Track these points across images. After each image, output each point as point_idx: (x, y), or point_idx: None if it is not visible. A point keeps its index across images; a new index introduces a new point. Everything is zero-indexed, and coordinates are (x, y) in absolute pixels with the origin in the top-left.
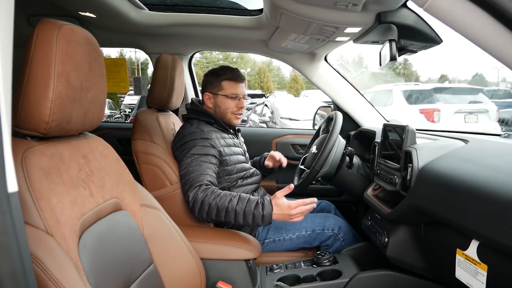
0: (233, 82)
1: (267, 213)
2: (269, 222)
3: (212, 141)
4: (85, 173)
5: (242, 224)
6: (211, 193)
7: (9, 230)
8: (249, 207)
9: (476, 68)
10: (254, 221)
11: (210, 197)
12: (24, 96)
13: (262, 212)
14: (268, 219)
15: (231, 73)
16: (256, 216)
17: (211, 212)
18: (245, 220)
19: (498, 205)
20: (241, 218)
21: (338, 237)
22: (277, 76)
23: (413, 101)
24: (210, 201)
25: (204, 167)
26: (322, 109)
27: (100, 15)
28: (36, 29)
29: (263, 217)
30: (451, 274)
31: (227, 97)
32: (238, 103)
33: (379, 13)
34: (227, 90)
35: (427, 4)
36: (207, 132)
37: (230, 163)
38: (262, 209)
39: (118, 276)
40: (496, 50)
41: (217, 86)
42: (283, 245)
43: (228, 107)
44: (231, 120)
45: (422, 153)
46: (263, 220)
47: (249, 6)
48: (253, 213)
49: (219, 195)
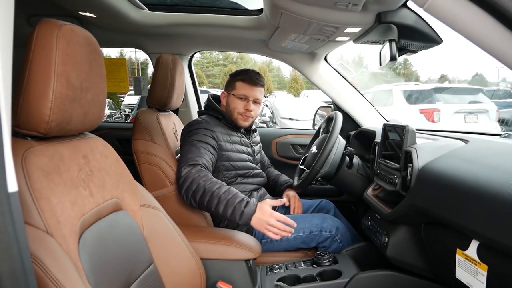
0: (246, 84)
1: (247, 211)
2: (246, 222)
3: (214, 133)
4: (85, 173)
5: (220, 214)
6: (205, 175)
7: (9, 230)
8: (233, 200)
9: (476, 68)
10: (232, 214)
11: (202, 178)
12: (24, 96)
13: (243, 209)
14: (246, 218)
15: (246, 75)
16: (236, 210)
17: (197, 192)
18: (224, 210)
19: (498, 205)
20: (222, 207)
21: (336, 238)
22: (277, 76)
23: (413, 101)
24: (200, 182)
25: (202, 151)
26: (322, 109)
27: (100, 15)
28: (36, 29)
29: (242, 214)
30: (451, 274)
31: (236, 97)
32: (245, 105)
33: (379, 13)
34: (238, 91)
35: (427, 4)
36: (212, 125)
37: (230, 159)
38: (245, 206)
39: (118, 276)
40: (496, 50)
41: (232, 86)
42: (280, 246)
43: (235, 107)
44: (238, 120)
45: (422, 153)
46: (241, 217)
47: (249, 6)
48: (234, 206)
49: (211, 179)
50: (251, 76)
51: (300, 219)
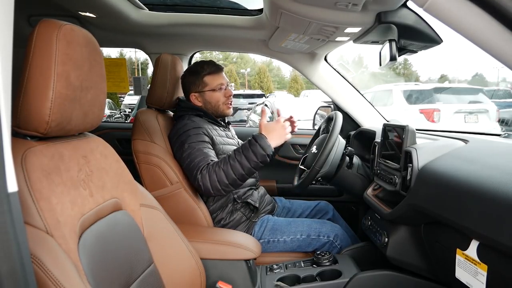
0: (214, 75)
1: (262, 142)
2: (271, 149)
3: (204, 130)
4: (85, 173)
5: (251, 167)
6: (212, 165)
7: (9, 230)
8: (245, 148)
9: (476, 68)
10: (257, 156)
11: (212, 168)
12: (24, 96)
13: (257, 143)
14: (266, 145)
15: (209, 67)
16: (256, 150)
17: (221, 178)
18: (250, 161)
19: (498, 205)
20: (246, 162)
21: (335, 244)
22: (277, 76)
23: (413, 101)
24: (215, 169)
25: (205, 151)
26: (322, 109)
27: (100, 15)
28: (36, 29)
29: (261, 147)
30: (451, 274)
31: (214, 91)
32: (225, 92)
33: (379, 13)
34: (212, 84)
35: (427, 4)
36: (198, 123)
37: (224, 153)
38: (256, 141)
39: (118, 276)
40: (496, 50)
41: (200, 84)
42: (277, 247)
43: (218, 99)
44: (224, 111)
45: (422, 153)
46: (263, 149)
47: (249, 6)
48: (251, 150)
49: (217, 162)
50: (214, 66)
51: (299, 222)
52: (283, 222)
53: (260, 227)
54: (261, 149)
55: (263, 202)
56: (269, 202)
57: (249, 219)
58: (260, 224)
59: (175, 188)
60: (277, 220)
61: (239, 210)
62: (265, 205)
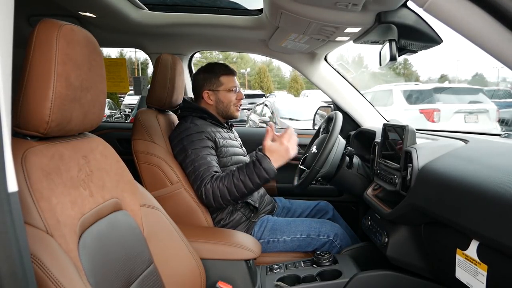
0: (230, 76)
1: (266, 165)
2: (274, 171)
3: (207, 134)
4: (85, 173)
5: (253, 188)
6: (215, 179)
7: (9, 230)
8: (249, 169)
9: (476, 68)
10: (260, 178)
11: (216, 184)
12: (24, 96)
13: (262, 166)
14: (270, 168)
15: (225, 68)
16: (260, 174)
17: (224, 195)
18: (253, 183)
19: (498, 205)
20: (249, 183)
21: (335, 243)
22: (277, 76)
23: (413, 101)
24: (219, 186)
25: (208, 159)
26: (322, 109)
27: (100, 15)
28: (36, 29)
29: (265, 171)
30: (451, 274)
31: (228, 91)
32: (238, 95)
33: (379, 13)
34: (227, 85)
35: (427, 4)
36: (201, 126)
37: (226, 155)
38: (260, 164)
39: (118, 276)
40: (496, 50)
41: (215, 83)
42: (277, 247)
43: (230, 100)
44: (234, 112)
45: (422, 153)
46: (267, 172)
47: (249, 6)
48: (255, 172)
49: (221, 178)
50: (229, 68)
51: (298, 222)
52: (283, 222)
53: (260, 227)
54: (265, 173)
55: (263, 202)
56: (269, 202)
57: (249, 219)
58: (260, 224)
59: (175, 188)
60: (277, 220)
61: (239, 210)
62: (265, 205)
